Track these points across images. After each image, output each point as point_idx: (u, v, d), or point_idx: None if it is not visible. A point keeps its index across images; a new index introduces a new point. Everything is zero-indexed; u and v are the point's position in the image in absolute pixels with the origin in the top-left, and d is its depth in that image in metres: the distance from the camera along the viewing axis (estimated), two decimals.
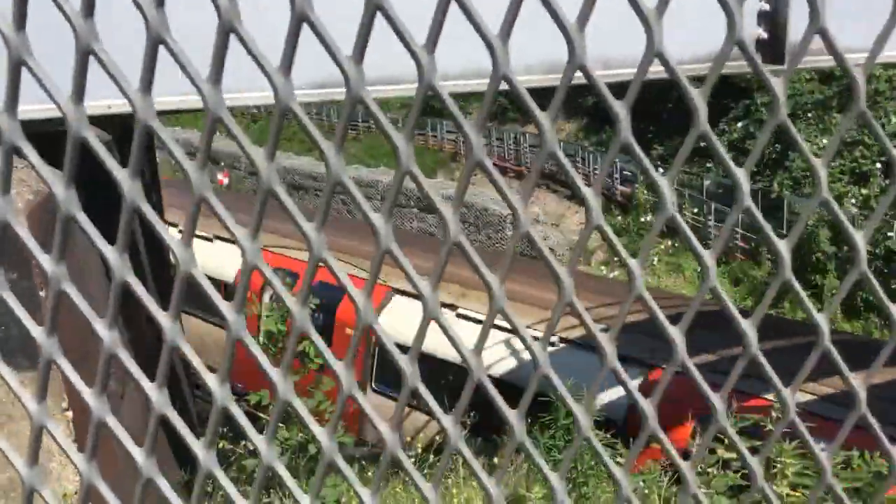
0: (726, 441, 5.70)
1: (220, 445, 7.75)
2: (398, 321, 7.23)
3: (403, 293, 10.94)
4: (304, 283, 0.67)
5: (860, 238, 0.62)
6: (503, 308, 0.66)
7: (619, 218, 23.46)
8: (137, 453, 0.73)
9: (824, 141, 19.95)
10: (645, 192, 23.20)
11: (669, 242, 21.63)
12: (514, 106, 26.62)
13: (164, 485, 0.73)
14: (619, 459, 6.86)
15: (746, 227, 20.93)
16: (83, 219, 0.66)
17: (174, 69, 0.65)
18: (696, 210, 22.77)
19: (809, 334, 0.78)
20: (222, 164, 29.44)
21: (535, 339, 0.68)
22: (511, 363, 9.48)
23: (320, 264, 0.68)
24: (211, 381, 0.71)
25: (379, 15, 0.62)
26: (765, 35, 5.21)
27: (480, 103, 0.66)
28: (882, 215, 0.65)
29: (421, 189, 0.66)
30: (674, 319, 0.76)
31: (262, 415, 6.94)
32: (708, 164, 23.03)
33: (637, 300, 0.66)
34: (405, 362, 0.68)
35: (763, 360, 0.66)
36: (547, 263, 0.63)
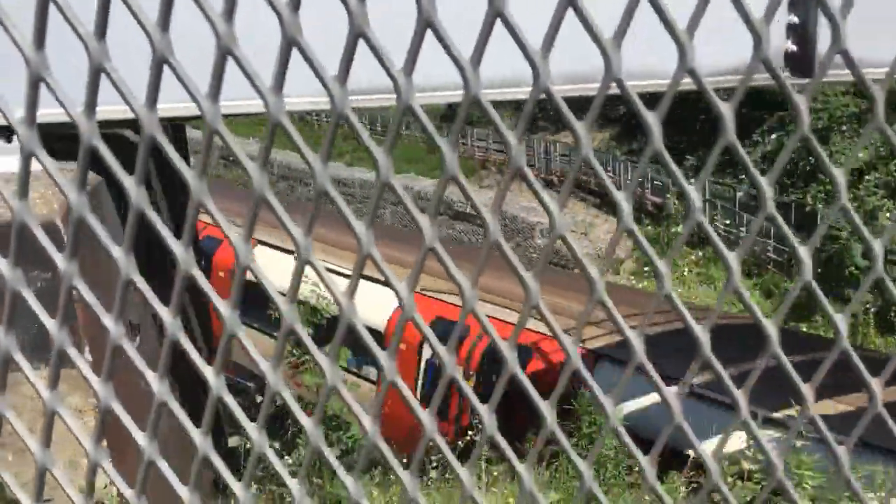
0: (750, 452, 5.68)
1: (247, 446, 7.86)
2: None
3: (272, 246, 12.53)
4: (291, 284, 0.73)
5: (804, 251, 0.66)
6: (474, 309, 0.71)
7: (650, 227, 23.36)
8: (140, 437, 0.80)
9: (861, 154, 19.73)
10: (675, 201, 23.09)
11: (701, 253, 21.50)
12: (543, 114, 26.67)
13: (163, 466, 0.79)
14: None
15: (778, 238, 20.76)
16: (93, 221, 0.73)
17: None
18: (727, 221, 22.63)
19: (828, 348, 0.82)
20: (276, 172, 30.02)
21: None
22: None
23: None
24: (208, 373, 0.77)
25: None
26: (793, 48, 5.21)
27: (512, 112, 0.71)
28: (825, 230, 0.70)
29: (400, 199, 0.71)
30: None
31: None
32: (741, 176, 22.89)
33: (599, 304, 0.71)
34: (384, 357, 0.73)
35: (717, 364, 0.71)
36: (512, 268, 0.68)
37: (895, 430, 0.71)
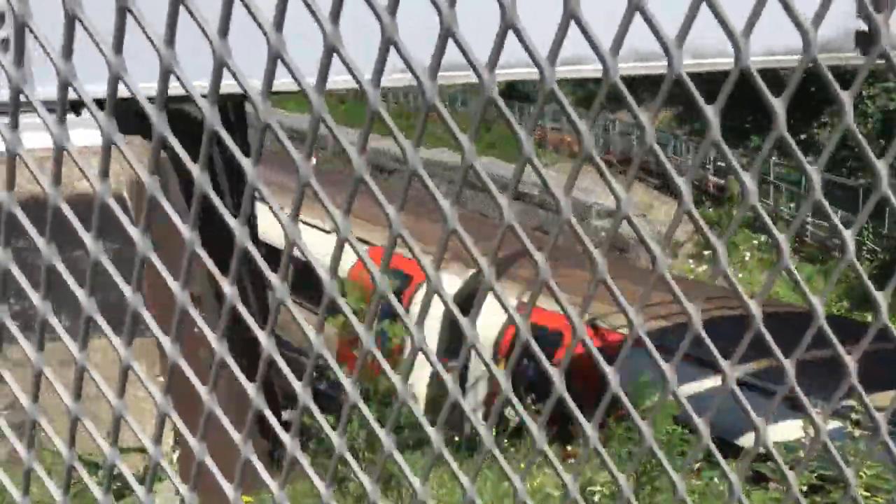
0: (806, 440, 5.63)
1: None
2: None
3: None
4: (384, 258, 0.82)
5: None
6: (548, 281, 0.80)
7: (711, 210, 23.06)
8: (203, 392, 0.90)
9: None
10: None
11: (764, 238, 21.16)
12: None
13: (220, 413, 0.90)
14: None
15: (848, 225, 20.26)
16: (163, 198, 0.83)
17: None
18: (792, 205, 22.24)
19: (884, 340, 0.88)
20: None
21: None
22: None
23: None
24: (260, 334, 0.88)
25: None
26: (865, 28, 5.18)
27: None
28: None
29: (483, 180, 0.80)
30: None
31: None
32: (808, 159, 22.37)
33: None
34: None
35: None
36: (581, 244, 0.77)
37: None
